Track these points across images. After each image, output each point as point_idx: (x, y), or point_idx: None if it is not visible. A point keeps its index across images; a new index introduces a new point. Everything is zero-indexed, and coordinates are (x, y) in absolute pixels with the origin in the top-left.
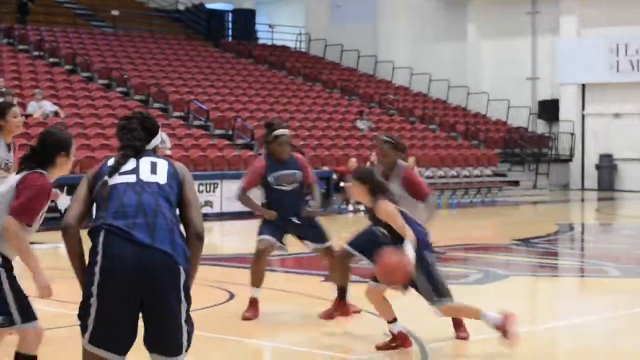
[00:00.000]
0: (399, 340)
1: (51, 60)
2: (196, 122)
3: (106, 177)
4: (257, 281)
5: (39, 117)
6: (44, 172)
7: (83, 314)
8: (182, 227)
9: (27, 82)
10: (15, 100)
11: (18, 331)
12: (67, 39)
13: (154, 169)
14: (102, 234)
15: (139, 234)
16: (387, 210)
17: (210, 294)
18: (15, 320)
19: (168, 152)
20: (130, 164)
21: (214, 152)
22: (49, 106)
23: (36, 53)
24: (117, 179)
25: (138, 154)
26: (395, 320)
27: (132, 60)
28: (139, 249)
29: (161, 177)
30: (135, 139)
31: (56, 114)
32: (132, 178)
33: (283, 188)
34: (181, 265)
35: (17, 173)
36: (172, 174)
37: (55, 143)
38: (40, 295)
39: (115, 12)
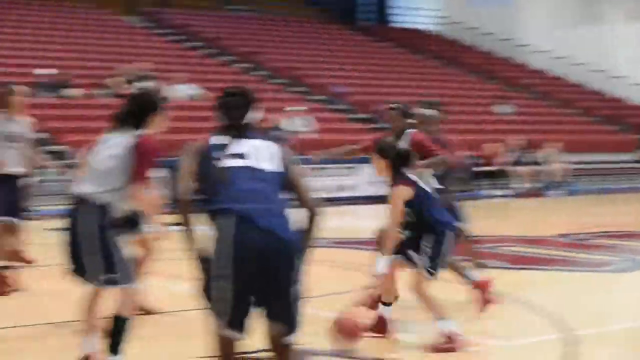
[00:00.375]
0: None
1: (192, 44)
2: (335, 106)
3: (217, 158)
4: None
5: (182, 99)
6: (145, 133)
7: (216, 299)
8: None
9: (169, 66)
10: (158, 83)
11: (117, 292)
12: (206, 22)
13: (261, 152)
14: (229, 218)
15: (261, 219)
16: (395, 197)
17: (353, 278)
18: (118, 279)
19: (311, 135)
20: (238, 145)
21: (354, 136)
22: (190, 89)
23: (177, 37)
24: (229, 162)
25: (242, 133)
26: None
27: (271, 44)
28: (263, 234)
29: (268, 162)
30: (240, 117)
31: (196, 97)
32: (243, 162)
33: None
34: (295, 249)
35: (112, 131)
36: (278, 156)
37: (147, 103)
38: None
39: None
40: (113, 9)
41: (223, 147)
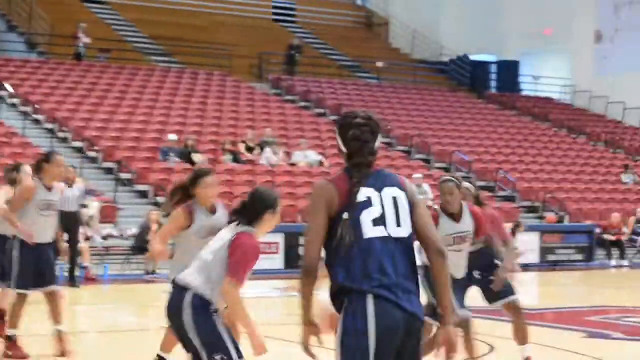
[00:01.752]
0: None
1: (317, 110)
2: (458, 173)
3: (352, 222)
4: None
5: (304, 166)
6: (253, 231)
7: None
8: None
9: (293, 132)
10: (281, 149)
11: None
12: (332, 89)
13: (397, 208)
14: (369, 299)
15: (402, 299)
16: None
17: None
18: (233, 356)
19: (430, 203)
20: (374, 200)
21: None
22: (313, 155)
23: (302, 103)
24: (367, 229)
25: (374, 177)
26: None
27: (396, 111)
28: (406, 315)
29: (404, 222)
30: (370, 153)
31: (320, 163)
32: (381, 231)
33: None
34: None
35: (231, 227)
36: (409, 205)
37: (264, 201)
38: (256, 353)
39: (380, 64)
40: (243, 75)
41: (358, 205)
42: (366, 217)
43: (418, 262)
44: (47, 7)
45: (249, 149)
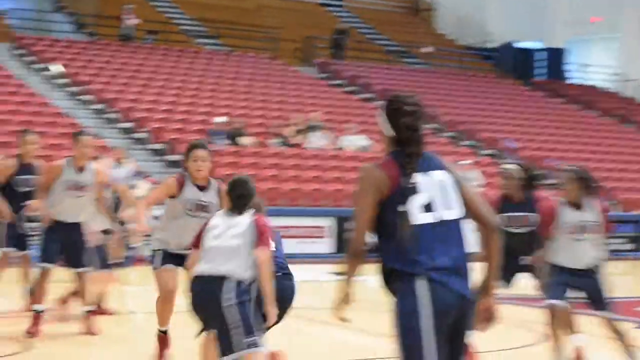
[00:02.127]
0: None
1: (364, 95)
2: (504, 161)
3: (402, 207)
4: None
5: (351, 151)
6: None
7: None
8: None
9: (341, 117)
10: (329, 133)
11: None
12: (379, 74)
13: (446, 191)
14: (421, 282)
15: (453, 282)
16: None
17: (519, 335)
18: (258, 342)
19: (478, 190)
20: (423, 185)
21: None
22: (361, 140)
23: (350, 88)
24: (417, 215)
25: (424, 160)
26: None
27: (443, 97)
28: (457, 297)
29: (455, 204)
30: (421, 142)
31: (368, 148)
32: (432, 216)
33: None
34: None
35: (232, 214)
36: (455, 184)
37: (253, 191)
38: (269, 322)
39: (426, 50)
40: (289, 59)
41: (409, 191)
42: (417, 203)
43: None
44: None
45: (296, 133)
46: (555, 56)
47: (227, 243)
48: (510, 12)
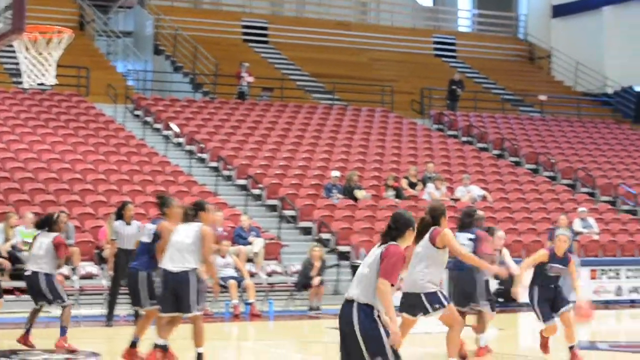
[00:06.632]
0: None
1: (479, 145)
2: (624, 207)
3: None
4: None
5: (467, 201)
6: (397, 243)
7: None
8: None
9: (456, 167)
10: (444, 184)
11: None
12: (495, 124)
13: None
14: None
15: None
16: None
17: None
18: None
19: (595, 237)
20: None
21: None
22: (476, 191)
23: (465, 138)
24: None
25: None
26: None
27: (560, 144)
28: None
29: None
30: None
31: (484, 198)
32: None
33: None
34: None
35: (379, 245)
36: None
37: (407, 221)
38: (392, 341)
39: (542, 97)
40: (404, 111)
41: None
42: None
43: None
44: (211, 47)
45: (412, 185)
46: None
47: (361, 270)
48: (628, 56)
